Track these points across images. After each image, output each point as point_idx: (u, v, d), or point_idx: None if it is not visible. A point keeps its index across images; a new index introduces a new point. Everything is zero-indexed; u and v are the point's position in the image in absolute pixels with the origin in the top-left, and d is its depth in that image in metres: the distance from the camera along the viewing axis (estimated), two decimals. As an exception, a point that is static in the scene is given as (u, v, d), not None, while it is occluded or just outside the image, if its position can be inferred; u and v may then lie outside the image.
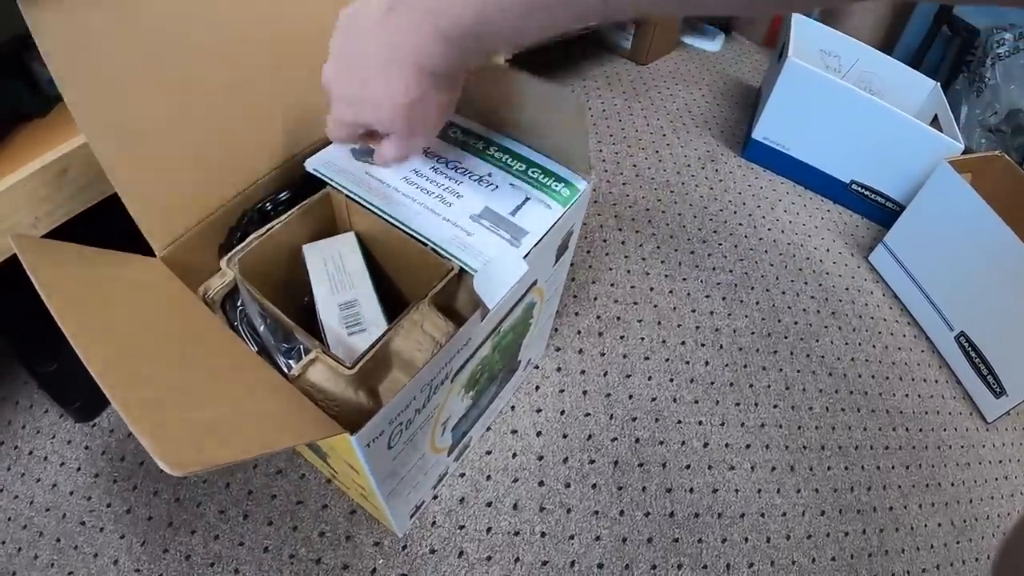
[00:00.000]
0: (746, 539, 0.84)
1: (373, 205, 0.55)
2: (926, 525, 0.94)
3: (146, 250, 0.51)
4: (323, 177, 0.57)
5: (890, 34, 1.75)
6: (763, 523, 0.86)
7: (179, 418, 0.33)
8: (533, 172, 0.60)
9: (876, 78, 1.50)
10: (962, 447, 1.05)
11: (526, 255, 0.53)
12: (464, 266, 0.51)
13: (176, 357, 0.41)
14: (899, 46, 1.76)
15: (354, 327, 0.53)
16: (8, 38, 0.58)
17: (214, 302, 0.52)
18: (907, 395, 1.07)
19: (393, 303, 0.58)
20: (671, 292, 1.11)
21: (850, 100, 1.25)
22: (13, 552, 0.69)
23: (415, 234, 0.53)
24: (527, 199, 0.57)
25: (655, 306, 1.07)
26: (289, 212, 0.57)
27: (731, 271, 1.17)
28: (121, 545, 0.70)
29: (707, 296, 1.11)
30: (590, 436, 0.87)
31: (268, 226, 0.56)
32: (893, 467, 0.98)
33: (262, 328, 0.51)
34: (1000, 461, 1.06)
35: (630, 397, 0.93)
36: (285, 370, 0.49)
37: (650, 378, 0.96)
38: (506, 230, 0.54)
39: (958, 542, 0.94)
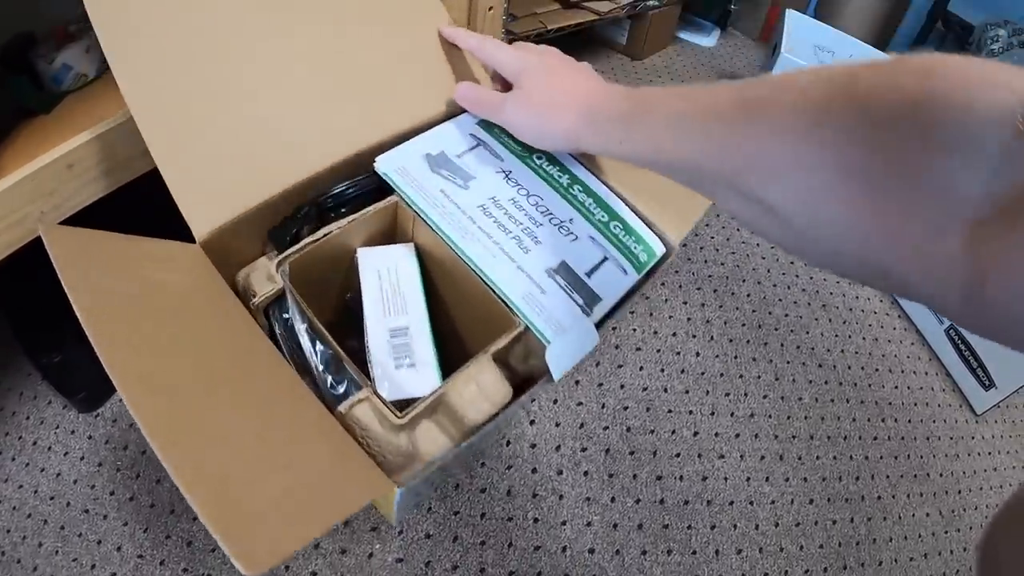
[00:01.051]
0: (735, 526, 0.85)
1: (445, 235, 0.51)
2: (914, 514, 0.95)
3: (180, 235, 0.49)
4: (394, 186, 0.54)
5: (885, 30, 1.76)
6: (752, 510, 0.87)
7: (245, 499, 0.32)
8: (615, 227, 0.56)
9: (870, 74, 1.51)
10: (951, 438, 1.06)
11: (597, 324, 0.51)
12: (537, 334, 0.49)
13: (226, 397, 0.39)
14: (894, 42, 1.76)
15: (403, 359, 0.50)
16: (13, 36, 0.59)
17: (258, 309, 0.50)
18: (896, 387, 1.09)
19: (442, 329, 0.55)
20: (662, 284, 1.12)
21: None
22: (18, 540, 0.70)
23: (487, 280, 0.50)
24: (605, 259, 0.54)
25: (646, 297, 1.09)
26: (350, 217, 0.54)
27: (723, 263, 1.18)
28: (124, 532, 0.71)
29: (698, 288, 1.13)
30: (582, 424, 0.89)
31: (326, 230, 0.53)
32: (882, 457, 0.99)
33: (307, 346, 0.48)
34: (989, 453, 1.07)
35: (621, 387, 0.95)
36: (327, 389, 0.48)
37: (641, 368, 0.98)
38: (580, 294, 0.51)
39: (946, 532, 0.95)
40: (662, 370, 0.98)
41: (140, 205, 0.57)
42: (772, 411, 0.98)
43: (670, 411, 0.94)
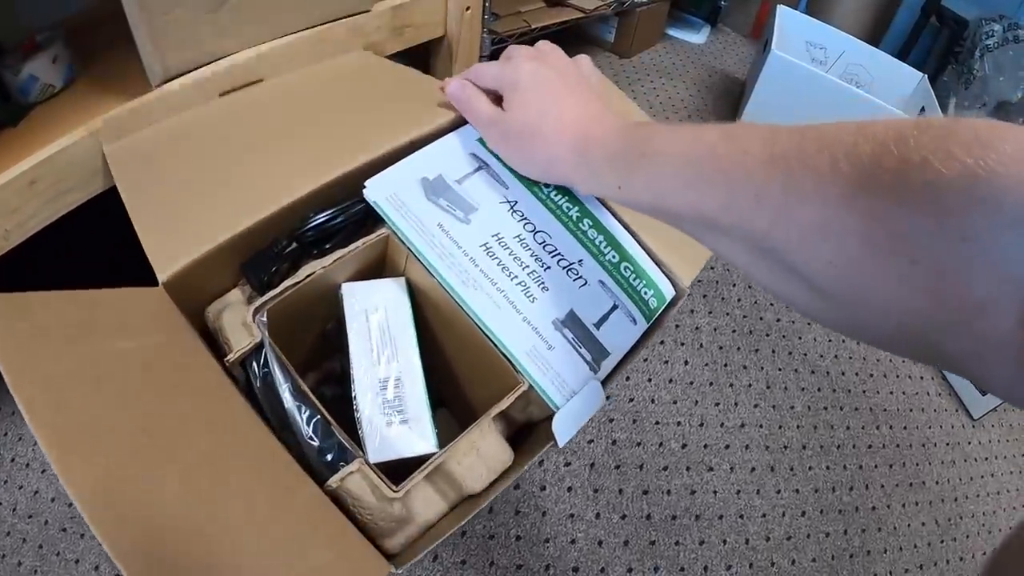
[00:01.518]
0: (724, 541, 0.83)
1: (444, 280, 0.46)
2: (909, 524, 0.94)
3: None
4: (386, 218, 0.47)
5: (878, 26, 1.74)
6: (742, 525, 0.85)
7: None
8: (625, 269, 0.51)
9: (863, 70, 1.49)
10: (947, 444, 1.04)
11: (603, 380, 0.48)
12: (543, 396, 0.45)
13: (203, 490, 0.36)
14: (887, 38, 1.74)
15: (394, 415, 0.46)
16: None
17: (233, 365, 0.45)
18: (891, 392, 1.07)
19: (435, 369, 0.50)
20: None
21: (835, 93, 1.24)
22: (-5, 559, 0.69)
23: (490, 335, 0.46)
24: (615, 307, 0.50)
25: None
26: (336, 254, 0.49)
27: (712, 268, 1.16)
28: (102, 551, 0.69)
29: (687, 294, 1.10)
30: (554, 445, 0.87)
31: (308, 270, 0.48)
32: (876, 466, 0.97)
33: (289, 406, 0.44)
34: (986, 458, 1.06)
35: (607, 398, 0.92)
36: (314, 455, 0.43)
37: (628, 378, 0.95)
38: (588, 348, 0.47)
39: (942, 541, 0.94)
40: (649, 380, 0.96)
41: (104, 220, 0.55)
42: (763, 420, 0.96)
43: (657, 423, 0.91)
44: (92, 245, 0.56)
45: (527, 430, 0.53)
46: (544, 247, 0.49)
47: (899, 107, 1.29)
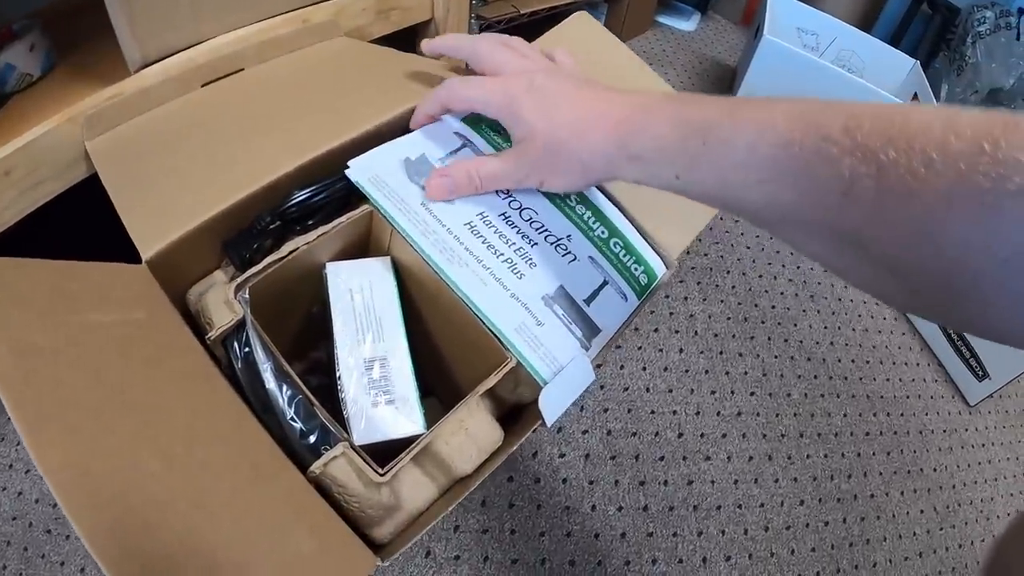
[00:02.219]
0: (723, 532, 0.82)
1: (428, 257, 0.45)
2: (908, 512, 0.93)
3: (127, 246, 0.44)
4: (369, 197, 0.47)
5: (869, 12, 1.73)
6: (740, 515, 0.84)
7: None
8: (615, 244, 0.50)
9: (855, 56, 1.48)
10: (944, 431, 1.04)
11: (598, 364, 0.47)
12: (533, 373, 0.44)
13: (182, 480, 0.34)
14: (878, 24, 1.74)
15: (380, 395, 0.44)
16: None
17: (215, 342, 0.44)
18: (888, 379, 1.06)
19: (422, 350, 0.49)
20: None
21: (828, 79, 1.23)
22: (-22, 562, 0.67)
23: (476, 311, 0.45)
24: (604, 283, 0.49)
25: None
26: (319, 230, 0.48)
27: (706, 254, 1.14)
28: (88, 553, 0.68)
29: (680, 281, 1.09)
30: (560, 429, 0.85)
31: (291, 246, 0.46)
32: (874, 453, 0.96)
33: (271, 386, 0.42)
34: (983, 445, 1.05)
35: (601, 387, 0.91)
36: (296, 438, 0.42)
37: (622, 367, 0.94)
38: (579, 325, 0.46)
39: (941, 528, 0.93)
40: (643, 368, 0.94)
41: (86, 209, 0.54)
42: (760, 408, 0.95)
43: (653, 412, 0.90)
44: (69, 240, 0.55)
45: (517, 414, 0.52)
46: (531, 224, 0.48)
47: (892, 93, 1.28)
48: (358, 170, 0.47)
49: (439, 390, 0.57)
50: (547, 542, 0.76)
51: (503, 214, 0.48)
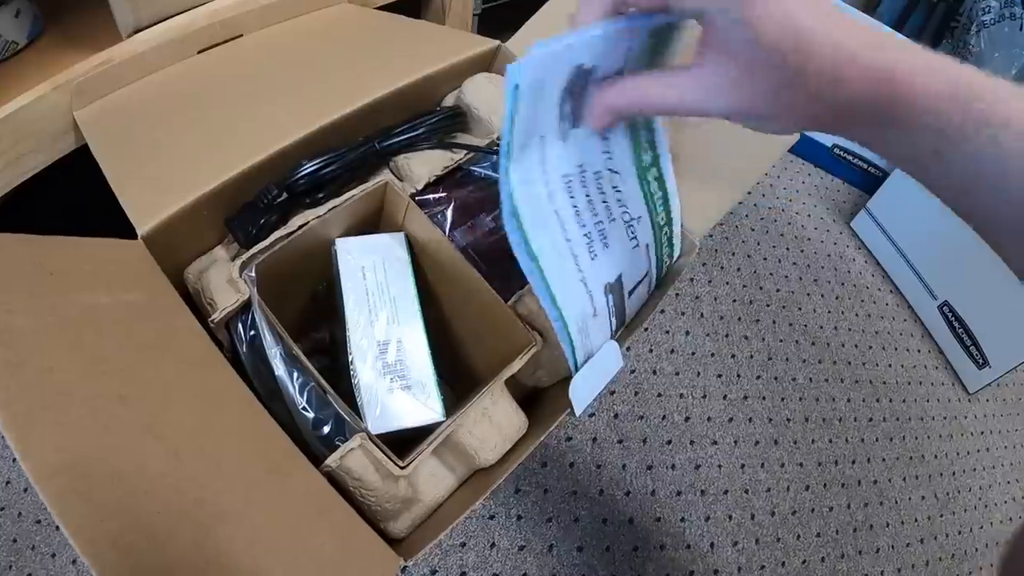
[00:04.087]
0: (730, 517, 0.81)
1: (516, 209, 0.34)
2: (910, 498, 0.92)
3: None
4: (512, 110, 0.31)
5: (871, -3, 1.72)
6: (747, 499, 0.83)
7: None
8: (665, 234, 0.46)
9: (858, 39, 1.47)
10: (944, 418, 1.03)
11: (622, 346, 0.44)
12: (572, 363, 0.40)
13: (188, 477, 0.31)
14: (881, 10, 1.72)
15: (396, 380, 0.42)
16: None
17: (218, 327, 0.41)
18: (890, 365, 1.05)
19: (436, 332, 0.46)
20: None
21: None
22: (-35, 553, 0.64)
23: (545, 291, 0.36)
24: (645, 275, 0.45)
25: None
26: (331, 203, 0.44)
27: (710, 236, 1.12)
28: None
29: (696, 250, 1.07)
30: (570, 415, 0.83)
31: (301, 220, 0.44)
32: (877, 439, 0.96)
33: (281, 373, 0.39)
34: (982, 432, 1.05)
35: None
36: (308, 429, 0.40)
37: (628, 348, 0.91)
38: (617, 315, 0.43)
39: (941, 515, 0.93)
40: (650, 350, 0.93)
41: (77, 183, 0.51)
42: (766, 392, 0.94)
43: (659, 395, 0.88)
44: (55, 215, 0.52)
45: (534, 400, 0.50)
46: (616, 195, 0.41)
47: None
48: (525, 67, 0.30)
49: (449, 375, 0.54)
50: (554, 528, 0.74)
51: (597, 173, 0.40)
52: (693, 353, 0.94)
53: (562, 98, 0.34)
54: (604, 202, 0.40)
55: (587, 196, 0.39)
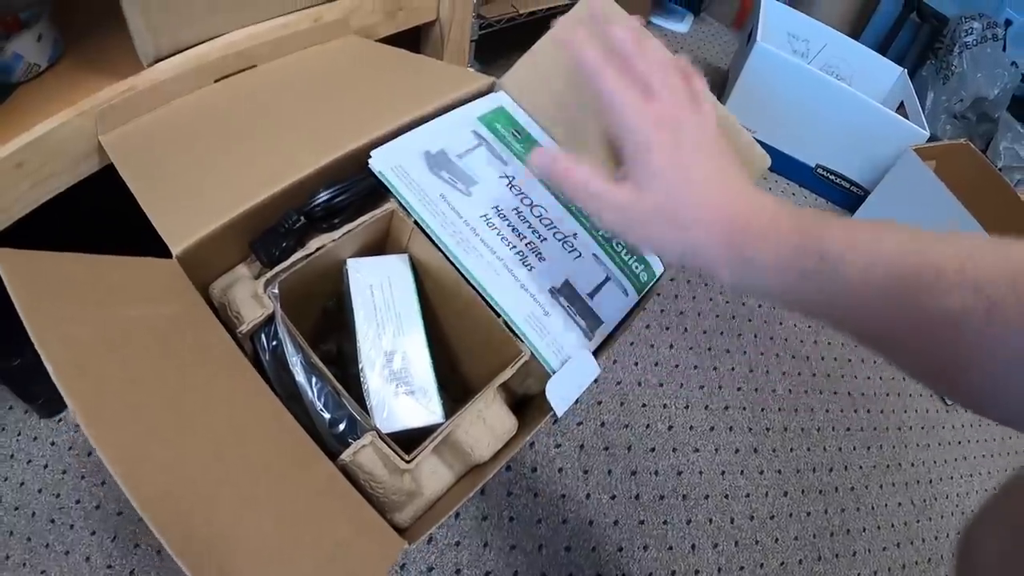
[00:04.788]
0: (710, 520, 0.85)
1: (445, 246, 0.47)
2: (887, 504, 0.96)
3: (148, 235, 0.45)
4: (391, 188, 0.48)
5: (859, 20, 1.76)
6: (727, 504, 0.87)
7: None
8: (617, 244, 0.52)
9: (844, 63, 1.51)
10: (922, 428, 1.07)
11: (596, 351, 0.49)
12: (542, 360, 0.46)
13: (229, 459, 0.36)
14: (867, 32, 1.77)
15: (401, 386, 0.46)
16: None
17: (243, 338, 0.45)
18: (868, 377, 1.09)
19: (437, 345, 0.51)
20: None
21: (818, 85, 1.26)
22: (-16, 551, 0.68)
23: (489, 298, 0.47)
24: (607, 279, 0.51)
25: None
26: (344, 228, 0.49)
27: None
28: (92, 541, 0.69)
29: (671, 279, 1.12)
30: (555, 421, 0.88)
31: (318, 243, 0.49)
32: (855, 448, 1.00)
33: (301, 379, 0.44)
34: (959, 442, 1.09)
35: (595, 381, 0.93)
36: (324, 427, 0.44)
37: (615, 361, 0.97)
38: (583, 316, 0.49)
39: (918, 520, 0.96)
40: (635, 363, 0.97)
41: (101, 202, 0.55)
42: (746, 403, 0.98)
43: (644, 405, 0.93)
44: (73, 230, 0.56)
45: (524, 405, 0.54)
46: (540, 220, 0.51)
47: (879, 101, 1.32)
48: (380, 160, 0.49)
49: (450, 385, 0.59)
50: (544, 529, 0.78)
51: (516, 208, 0.51)
52: (677, 366, 0.99)
53: (431, 172, 0.50)
54: (530, 228, 0.50)
55: (510, 226, 0.49)
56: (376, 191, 0.50)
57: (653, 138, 0.38)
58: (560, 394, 0.45)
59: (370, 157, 0.49)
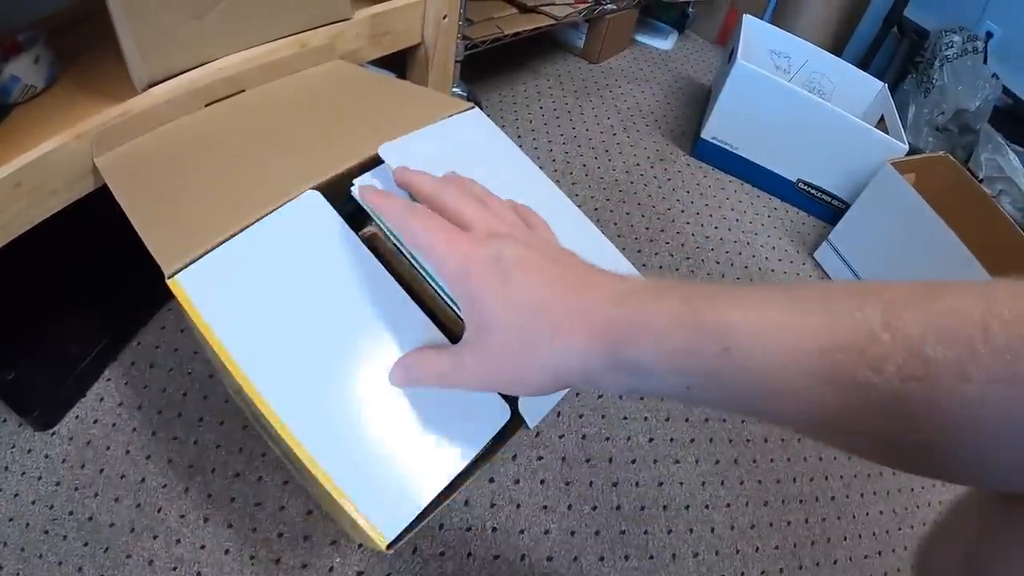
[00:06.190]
0: (691, 530, 0.87)
1: (427, 273, 0.46)
2: (868, 513, 0.97)
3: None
4: (372, 214, 0.48)
5: (840, 35, 1.79)
6: (708, 514, 0.89)
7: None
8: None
9: (825, 79, 1.54)
10: (903, 437, 1.08)
11: None
12: None
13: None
14: (849, 47, 1.80)
15: None
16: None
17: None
18: (850, 387, 1.11)
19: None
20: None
21: (797, 102, 1.29)
22: (-23, 563, 0.69)
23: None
24: None
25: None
26: None
27: (677, 269, 1.19)
28: (85, 552, 0.70)
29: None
30: (538, 433, 0.90)
31: None
32: (835, 457, 1.01)
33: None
34: (939, 450, 1.10)
35: (576, 395, 0.96)
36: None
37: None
38: None
39: (899, 528, 0.98)
40: (619, 376, 0.99)
41: (100, 218, 0.56)
42: (726, 415, 1.00)
43: (625, 418, 0.95)
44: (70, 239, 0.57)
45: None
46: None
47: (859, 115, 1.34)
48: (363, 190, 0.48)
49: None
50: (526, 539, 0.80)
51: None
52: (659, 378, 1.00)
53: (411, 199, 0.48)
54: None
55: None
56: (360, 213, 0.52)
57: (469, 262, 0.35)
58: (532, 407, 0.47)
59: (351, 185, 0.50)
